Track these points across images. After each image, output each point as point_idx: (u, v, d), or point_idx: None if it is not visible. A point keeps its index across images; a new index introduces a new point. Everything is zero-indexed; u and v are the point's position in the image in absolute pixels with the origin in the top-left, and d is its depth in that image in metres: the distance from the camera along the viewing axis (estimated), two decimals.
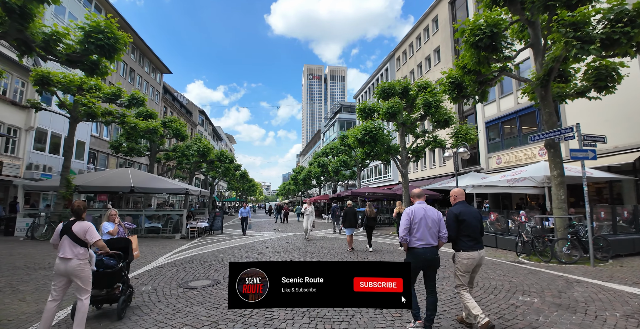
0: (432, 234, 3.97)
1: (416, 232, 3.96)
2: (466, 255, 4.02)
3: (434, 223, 4.01)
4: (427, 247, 3.91)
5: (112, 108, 15.60)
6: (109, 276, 4.35)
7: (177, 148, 22.88)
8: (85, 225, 3.85)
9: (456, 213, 4.12)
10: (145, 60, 36.54)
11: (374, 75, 40.58)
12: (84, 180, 15.70)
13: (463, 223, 4.07)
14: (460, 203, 4.26)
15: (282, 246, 11.80)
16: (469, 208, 4.18)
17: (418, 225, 3.96)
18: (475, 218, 4.12)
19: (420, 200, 4.22)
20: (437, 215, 4.09)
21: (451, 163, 24.30)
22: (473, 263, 4.02)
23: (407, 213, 4.05)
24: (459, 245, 4.10)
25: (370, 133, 15.49)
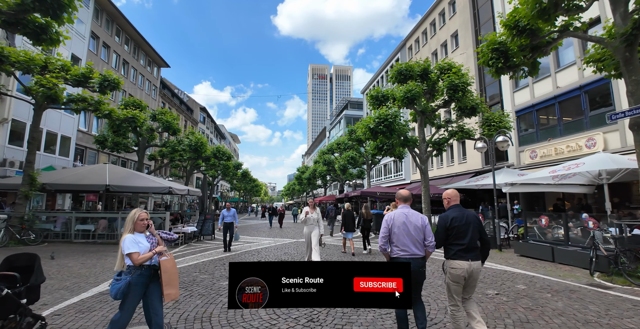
0: (415, 242, 3.59)
1: (397, 241, 3.62)
2: (454, 263, 3.57)
3: (417, 230, 3.62)
4: (410, 257, 3.55)
5: (86, 95, 13.41)
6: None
7: (168, 143, 20.66)
8: None
9: (447, 219, 3.68)
10: (140, 52, 34.52)
11: (383, 67, 38.11)
12: (54, 177, 13.52)
13: (454, 229, 3.61)
14: (455, 207, 3.79)
15: (278, 259, 9.43)
16: (463, 212, 3.71)
17: (398, 233, 3.62)
18: (470, 224, 3.62)
19: (405, 204, 3.84)
20: (421, 220, 3.67)
21: (475, 159, 21.81)
22: (462, 274, 3.54)
23: (385, 220, 3.73)
24: (448, 252, 3.69)
25: (386, 122, 13.09)
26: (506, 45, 8.75)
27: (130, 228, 3.33)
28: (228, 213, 10.94)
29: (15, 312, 3.27)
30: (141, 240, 3.30)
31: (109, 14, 28.63)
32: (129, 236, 3.22)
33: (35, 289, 3.57)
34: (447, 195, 3.89)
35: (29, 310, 3.44)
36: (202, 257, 9.71)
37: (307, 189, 56.34)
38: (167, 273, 3.32)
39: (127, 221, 3.35)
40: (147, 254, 3.23)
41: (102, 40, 27.48)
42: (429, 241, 3.60)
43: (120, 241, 3.23)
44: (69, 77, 11.93)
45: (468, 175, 21.92)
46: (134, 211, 3.42)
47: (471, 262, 3.52)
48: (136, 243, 3.20)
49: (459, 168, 23.54)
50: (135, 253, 3.13)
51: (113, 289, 3.10)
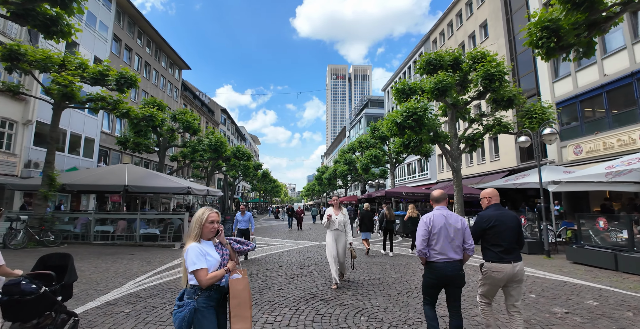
0: (454, 246, 3.34)
1: (435, 244, 3.36)
2: (496, 266, 3.37)
3: (456, 233, 3.36)
4: (448, 262, 3.30)
5: (105, 94, 13.19)
6: (26, 304, 3.18)
7: (188, 143, 20.41)
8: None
9: (487, 218, 3.49)
10: (161, 54, 34.87)
11: (405, 63, 36.83)
12: (73, 178, 13.38)
13: (492, 229, 3.44)
14: (494, 206, 3.61)
15: (301, 264, 8.68)
16: (503, 212, 3.52)
17: (437, 236, 3.36)
18: (510, 224, 3.43)
19: (440, 204, 3.58)
20: (461, 222, 3.41)
21: (509, 156, 20.36)
22: (503, 278, 3.35)
23: (424, 222, 3.45)
24: (487, 255, 3.49)
25: (414, 116, 12.10)
26: (558, 22, 7.63)
27: (197, 233, 2.47)
28: (242, 217, 9.17)
29: (51, 309, 3.42)
30: (210, 251, 2.45)
31: (131, 17, 28.96)
32: (194, 246, 2.39)
33: (68, 287, 3.72)
34: (487, 193, 3.71)
35: (63, 307, 3.58)
36: None
37: (327, 189, 55.56)
38: (237, 299, 2.48)
39: (193, 224, 2.50)
40: (218, 272, 2.40)
41: (125, 43, 27.80)
42: (469, 244, 3.40)
43: (183, 251, 2.45)
44: (86, 75, 11.69)
45: (501, 173, 20.49)
46: (202, 210, 2.54)
47: (514, 264, 3.36)
48: (203, 256, 2.36)
49: (491, 166, 22.07)
50: (203, 271, 2.32)
51: (176, 319, 2.36)
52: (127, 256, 9.94)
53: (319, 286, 6.18)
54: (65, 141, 20.78)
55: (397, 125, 12.55)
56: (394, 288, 6.11)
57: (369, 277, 7.02)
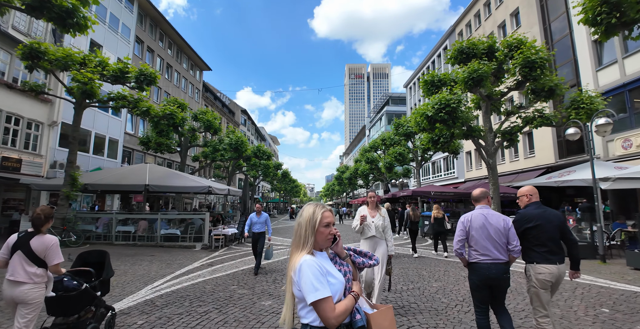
0: (497, 246, 3.13)
1: (475, 244, 3.21)
2: (541, 268, 3.16)
3: (498, 233, 3.14)
4: (492, 263, 3.10)
5: (126, 93, 13.03)
6: (70, 300, 3.24)
7: (209, 143, 20.19)
8: (48, 240, 2.99)
9: (528, 217, 3.29)
10: (183, 56, 35.17)
11: (428, 57, 35.51)
12: (95, 178, 13.29)
13: (535, 229, 3.21)
14: (535, 204, 3.39)
15: None
16: (546, 210, 3.31)
17: (476, 236, 3.19)
18: (555, 223, 3.22)
19: (481, 203, 3.39)
20: (503, 222, 3.18)
21: (546, 152, 18.98)
22: (551, 280, 3.14)
23: (461, 222, 3.32)
24: (532, 256, 3.25)
25: (447, 108, 11.19)
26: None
27: (310, 242, 1.62)
28: (258, 218, 7.66)
29: (91, 303, 3.56)
30: (330, 269, 1.60)
31: (153, 19, 29.26)
32: (311, 262, 1.53)
33: (106, 283, 3.87)
34: (527, 191, 3.52)
35: (102, 301, 3.73)
36: (242, 264, 8.57)
37: (347, 189, 54.71)
38: None
39: (303, 229, 1.63)
40: (347, 302, 1.55)
41: (147, 45, 28.10)
42: (513, 245, 3.16)
43: (288, 269, 1.62)
44: (106, 72, 11.51)
45: (537, 171, 19.12)
46: (312, 208, 1.68)
47: (558, 265, 3.17)
48: (324, 276, 1.52)
49: (525, 163, 20.67)
50: (329, 301, 1.46)
51: None
52: (147, 257, 9.60)
53: None
54: (90, 142, 21.07)
55: (428, 119, 11.67)
56: (438, 300, 5.34)
57: (407, 286, 6.27)
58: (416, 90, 39.40)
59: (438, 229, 10.39)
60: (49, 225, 3.12)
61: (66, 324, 3.42)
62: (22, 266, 2.90)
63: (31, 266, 2.92)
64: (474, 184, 22.95)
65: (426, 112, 11.60)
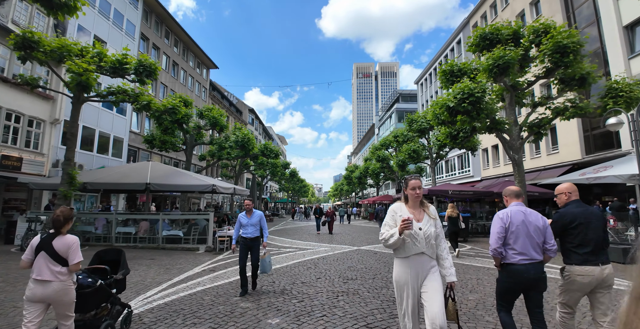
0: (534, 245, 2.95)
1: (514, 243, 2.97)
2: (582, 269, 2.98)
3: (537, 232, 2.98)
4: (529, 263, 2.91)
5: (127, 87, 12.35)
6: (85, 297, 3.39)
7: (214, 140, 19.49)
8: (70, 240, 3.14)
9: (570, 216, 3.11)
10: (189, 54, 34.66)
11: (441, 51, 34.35)
12: (95, 176, 12.65)
13: (577, 228, 3.06)
14: (576, 203, 3.22)
15: (343, 277, 7.14)
16: (587, 209, 3.15)
17: (516, 234, 2.98)
18: (597, 223, 3.08)
19: (518, 200, 3.20)
20: (542, 220, 3.04)
21: (571, 148, 17.80)
22: (591, 283, 2.95)
23: (500, 218, 3.07)
24: (571, 257, 3.08)
25: (471, 98, 10.22)
26: None
27: None
28: (249, 219, 5.76)
29: (107, 301, 3.65)
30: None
31: (158, 16, 28.77)
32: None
33: (122, 281, 3.93)
34: (565, 188, 3.33)
35: (118, 299, 3.78)
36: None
37: (356, 189, 53.71)
38: None
39: None
40: None
41: (152, 42, 27.60)
42: (550, 244, 2.99)
43: None
44: (104, 64, 10.83)
45: (561, 168, 17.97)
46: None
47: (602, 266, 2.98)
48: None
49: (548, 160, 19.47)
50: None
51: None
52: (145, 261, 8.87)
53: (374, 313, 4.58)
54: (94, 141, 20.58)
55: (449, 110, 10.71)
56: (482, 318, 4.41)
57: None
58: (428, 86, 38.25)
59: (453, 229, 10.17)
60: (69, 225, 3.23)
61: (82, 321, 3.50)
62: (47, 266, 3.02)
63: (55, 265, 3.04)
64: (492, 183, 21.80)
65: (447, 103, 10.64)
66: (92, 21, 20.43)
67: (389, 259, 9.00)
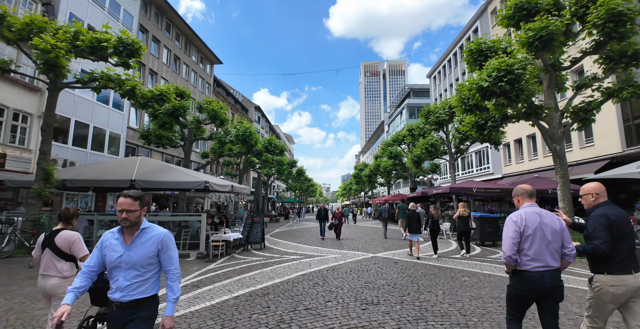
0: (552, 251, 2.69)
1: (529, 248, 2.69)
2: (615, 279, 2.66)
3: (554, 235, 2.70)
4: (545, 270, 2.64)
5: (111, 72, 10.97)
6: None
7: (214, 134, 18.08)
8: (70, 236, 3.23)
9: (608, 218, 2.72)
10: (192, 48, 33.42)
11: (456, 41, 32.43)
12: (76, 172, 11.26)
13: (617, 231, 2.71)
14: (606, 205, 2.86)
15: (361, 299, 5.55)
16: (620, 210, 2.83)
17: (532, 238, 2.69)
18: (631, 226, 2.80)
19: (531, 200, 2.90)
20: (559, 222, 2.76)
21: (609, 140, 15.90)
22: (625, 293, 2.64)
23: (514, 222, 2.77)
24: (605, 265, 2.72)
25: (510, 75, 8.53)
26: None
27: None
28: (126, 249, 2.21)
29: None
30: None
31: (158, 7, 27.56)
32: None
33: None
34: (593, 189, 2.94)
35: None
36: (237, 285, 6.21)
37: (365, 188, 51.96)
38: None
39: None
40: None
41: (152, 34, 26.38)
42: (569, 248, 2.71)
43: None
44: (80, 43, 9.43)
45: (597, 162, 16.10)
46: None
47: (635, 274, 2.67)
48: None
49: (581, 154, 17.56)
50: None
51: None
52: None
53: None
54: (88, 137, 19.37)
55: (482, 92, 9.03)
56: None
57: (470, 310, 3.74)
58: (441, 80, 36.35)
59: (463, 228, 9.86)
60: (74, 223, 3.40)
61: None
62: (52, 262, 3.17)
63: (59, 261, 3.18)
64: (514, 180, 19.96)
65: (480, 83, 8.96)
66: (85, 9, 19.22)
67: (414, 271, 7.37)
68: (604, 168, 15.37)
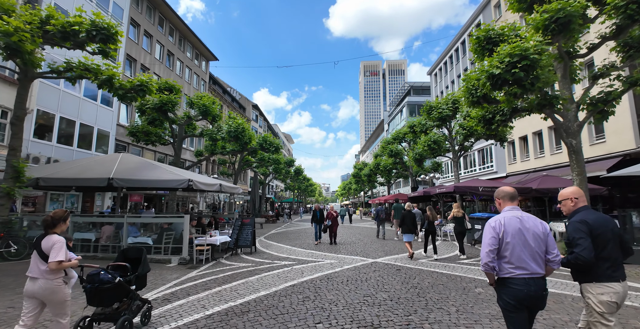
0: (535, 256, 2.50)
1: (510, 255, 2.51)
2: (604, 287, 2.54)
3: (537, 240, 2.52)
4: (530, 278, 2.46)
5: (89, 62, 10.10)
6: (104, 292, 3.57)
7: (204, 131, 17.19)
8: (53, 239, 3.22)
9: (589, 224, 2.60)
10: (186, 44, 32.52)
11: (458, 37, 31.56)
12: (53, 170, 10.40)
13: (597, 239, 2.59)
14: (585, 210, 2.74)
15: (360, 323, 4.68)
16: (601, 216, 2.70)
17: (512, 244, 2.51)
18: (615, 231, 2.64)
19: (512, 203, 2.73)
20: (541, 226, 2.58)
21: (622, 136, 15.06)
22: (617, 301, 2.53)
23: (492, 227, 2.60)
24: (591, 273, 2.61)
25: (525, 61, 7.66)
26: None
27: None
28: None
29: (126, 296, 3.80)
30: None
31: (150, 1, 26.65)
32: None
33: (142, 278, 4.11)
34: (572, 193, 2.81)
35: (137, 295, 3.96)
36: (215, 299, 5.35)
37: (364, 188, 51.11)
38: None
39: None
40: None
41: (144, 28, 25.49)
42: (554, 254, 2.52)
43: None
44: (51, 27, 8.56)
45: (609, 160, 15.26)
46: None
47: (622, 283, 2.57)
48: None
49: (592, 151, 16.72)
50: None
51: None
52: None
53: None
54: (74, 133, 18.49)
55: (493, 80, 8.17)
56: None
57: None
58: (443, 77, 35.50)
59: (458, 229, 9.88)
60: (63, 226, 3.38)
61: (104, 315, 3.65)
62: (37, 264, 3.20)
63: (42, 264, 3.18)
64: (520, 179, 19.12)
65: (491, 71, 8.09)
66: (72, 0, 18.33)
67: (419, 280, 6.51)
68: (617, 166, 14.55)
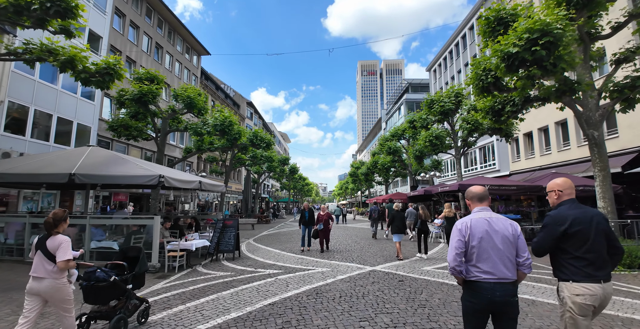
0: (504, 260, 2.33)
1: (477, 260, 2.36)
2: (581, 288, 2.37)
3: (506, 243, 2.36)
4: (497, 282, 2.30)
5: (54, 44, 8.93)
6: (99, 290, 3.59)
7: (189, 125, 16.01)
8: (60, 239, 3.25)
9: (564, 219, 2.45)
10: (176, 36, 31.26)
11: (458, 31, 30.54)
12: (10, 165, 9.22)
13: (575, 235, 2.41)
14: (570, 203, 2.56)
15: None
16: (585, 211, 2.50)
17: (478, 248, 2.37)
18: (600, 228, 2.42)
19: (481, 204, 2.57)
20: (511, 228, 2.42)
21: (636, 131, 14.04)
22: (593, 303, 2.35)
23: (458, 230, 2.46)
24: (567, 272, 2.45)
25: (546, 38, 6.60)
26: None
27: None
28: None
29: (122, 295, 3.79)
30: None
31: None
32: None
33: (140, 277, 4.11)
34: (558, 185, 2.64)
35: (133, 294, 3.96)
36: (174, 326, 4.22)
37: (362, 187, 50.07)
38: None
39: None
40: None
41: (130, 19, 24.20)
42: (524, 258, 2.36)
43: None
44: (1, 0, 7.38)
45: (623, 156, 14.28)
46: None
47: (604, 284, 2.38)
48: None
49: None
50: None
51: None
52: None
53: None
54: (51, 128, 17.22)
55: (509, 61, 7.09)
56: None
57: None
58: (442, 72, 34.50)
59: (450, 228, 9.53)
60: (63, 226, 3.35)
61: (100, 312, 3.70)
62: (42, 264, 3.21)
63: (49, 264, 3.21)
64: (525, 177, 18.12)
65: (507, 50, 7.00)
66: None
67: (427, 296, 5.41)
68: (632, 163, 13.58)
